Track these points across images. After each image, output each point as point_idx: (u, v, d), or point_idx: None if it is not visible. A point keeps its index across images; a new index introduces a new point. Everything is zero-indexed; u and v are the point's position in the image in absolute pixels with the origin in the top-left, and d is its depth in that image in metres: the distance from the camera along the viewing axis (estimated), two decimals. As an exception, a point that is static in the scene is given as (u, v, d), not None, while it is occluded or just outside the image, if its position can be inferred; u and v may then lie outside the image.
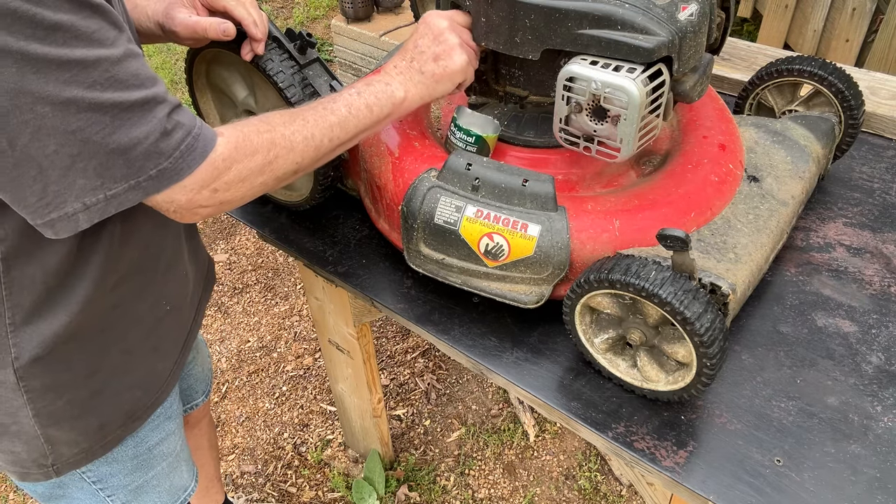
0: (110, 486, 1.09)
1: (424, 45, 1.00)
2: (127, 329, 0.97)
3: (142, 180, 0.74)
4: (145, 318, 1.00)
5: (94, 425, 0.99)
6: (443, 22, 1.01)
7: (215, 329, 2.55)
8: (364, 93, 0.95)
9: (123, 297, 0.94)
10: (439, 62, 1.00)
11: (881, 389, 0.99)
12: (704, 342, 0.85)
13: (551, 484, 2.02)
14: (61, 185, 0.71)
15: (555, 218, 0.99)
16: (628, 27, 0.92)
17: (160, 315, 1.03)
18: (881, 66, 2.64)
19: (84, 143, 0.70)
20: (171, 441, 1.16)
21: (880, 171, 1.36)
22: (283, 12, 4.33)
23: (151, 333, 1.02)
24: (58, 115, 0.67)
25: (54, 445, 0.97)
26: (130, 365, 1.00)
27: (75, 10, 0.66)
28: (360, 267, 1.23)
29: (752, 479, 0.89)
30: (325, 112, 0.91)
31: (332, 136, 0.91)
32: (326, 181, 1.21)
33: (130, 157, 0.72)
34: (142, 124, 0.72)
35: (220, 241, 2.91)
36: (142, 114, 0.72)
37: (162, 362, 1.07)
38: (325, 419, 2.24)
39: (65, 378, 0.92)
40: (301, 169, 0.90)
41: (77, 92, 0.68)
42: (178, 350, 1.11)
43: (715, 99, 1.27)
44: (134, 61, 0.73)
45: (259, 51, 1.06)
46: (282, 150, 0.86)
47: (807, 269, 1.16)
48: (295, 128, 0.87)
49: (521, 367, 1.05)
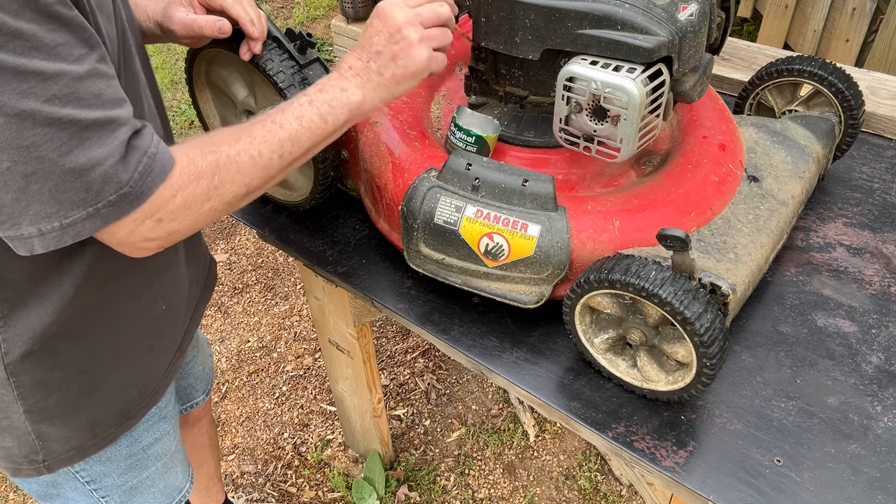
0: (104, 487, 1.09)
1: (380, 44, 0.92)
2: (121, 328, 0.97)
3: (101, 206, 0.70)
4: (140, 317, 0.99)
5: (86, 423, 0.99)
6: (398, 14, 0.92)
7: (215, 329, 2.55)
8: (317, 101, 0.89)
9: (116, 295, 0.94)
10: (398, 62, 0.92)
11: (881, 389, 0.99)
12: (704, 342, 0.85)
13: (551, 484, 2.02)
14: (15, 209, 0.68)
15: (555, 218, 0.99)
16: (628, 27, 0.92)
17: (156, 314, 1.02)
18: (881, 66, 2.64)
19: (39, 162, 0.66)
20: (166, 442, 1.16)
21: (880, 171, 1.36)
22: (283, 12, 4.33)
23: (147, 333, 1.02)
24: (12, 127, 0.64)
25: (45, 442, 0.96)
26: (124, 364, 1.00)
27: (40, 20, 0.64)
28: (360, 267, 1.23)
29: (752, 479, 0.89)
30: (273, 127, 0.85)
31: (283, 152, 0.85)
32: (326, 181, 1.21)
33: (88, 180, 0.69)
34: (100, 145, 0.69)
35: (220, 241, 2.91)
36: (101, 134, 0.69)
37: (157, 362, 1.07)
38: (325, 419, 2.24)
39: (56, 375, 0.92)
40: (252, 190, 0.84)
41: (33, 104, 0.64)
42: (174, 350, 1.11)
43: (715, 99, 1.27)
44: (99, 81, 0.69)
45: (256, 50, 1.05)
46: (227, 173, 0.80)
47: (807, 269, 1.16)
48: (241, 147, 0.81)
49: (521, 367, 1.05)
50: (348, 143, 1.22)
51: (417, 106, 1.26)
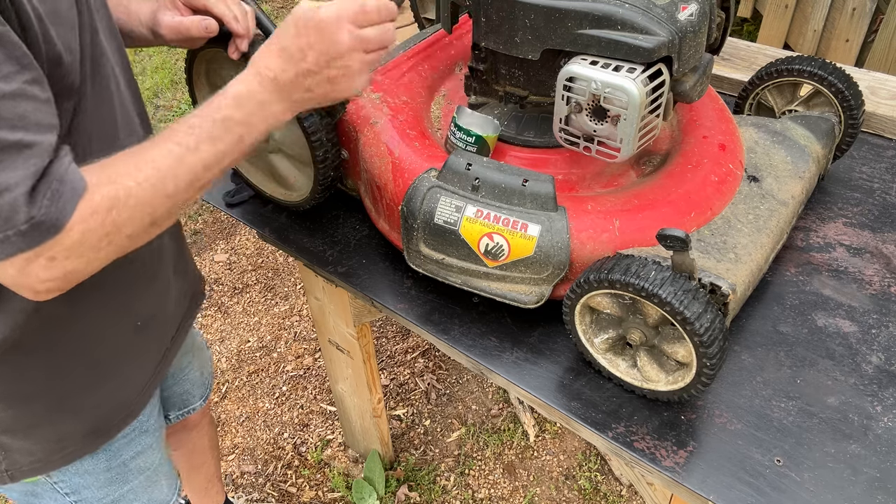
0: (84, 499, 1.08)
1: (316, 64, 0.80)
2: (94, 344, 0.94)
3: (10, 234, 0.65)
4: (116, 334, 0.97)
5: (52, 437, 0.97)
6: (344, 38, 0.80)
7: (215, 329, 2.55)
8: (234, 118, 0.79)
9: (88, 311, 0.91)
10: (334, 85, 0.83)
11: (881, 389, 0.99)
12: (704, 342, 0.85)
13: (551, 484, 2.02)
14: None
15: (555, 218, 0.99)
16: (628, 27, 0.92)
17: (134, 331, 1.00)
18: (881, 66, 2.64)
19: None
20: (149, 455, 1.14)
21: (880, 171, 1.36)
22: (283, 12, 4.33)
23: (123, 349, 1.00)
24: None
25: (8, 452, 0.95)
26: (97, 380, 0.98)
27: None
28: (360, 267, 1.23)
29: (752, 479, 0.89)
30: (179, 150, 0.76)
31: (193, 178, 0.77)
32: (326, 181, 1.21)
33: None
34: (13, 169, 0.64)
35: (220, 241, 2.91)
36: (16, 157, 0.64)
37: (134, 378, 1.05)
38: (325, 419, 2.24)
39: (16, 388, 0.90)
40: (157, 222, 0.77)
41: None
42: (154, 366, 1.09)
43: (715, 99, 1.27)
44: (27, 103, 0.65)
45: (243, 47, 1.02)
46: (126, 207, 0.72)
47: (807, 269, 1.16)
48: (143, 176, 0.73)
49: (521, 367, 1.05)
50: (348, 143, 1.22)
51: (417, 106, 1.26)
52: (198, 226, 2.99)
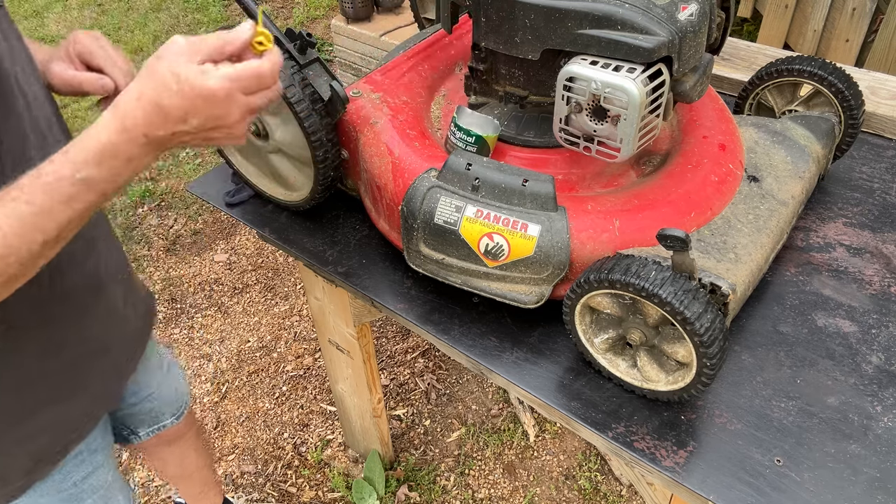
0: None
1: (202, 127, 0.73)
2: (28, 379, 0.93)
3: None
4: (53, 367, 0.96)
5: None
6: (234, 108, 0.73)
7: (215, 329, 2.55)
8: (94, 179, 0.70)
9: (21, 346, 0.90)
10: (215, 141, 0.77)
11: (881, 389, 0.99)
12: (704, 342, 0.85)
13: (551, 484, 2.02)
14: None
15: (555, 218, 0.99)
16: (628, 27, 0.92)
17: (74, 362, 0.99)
18: (881, 66, 2.64)
19: None
20: (100, 474, 1.15)
21: (880, 171, 1.36)
22: (283, 12, 4.33)
23: (63, 382, 0.99)
24: None
25: None
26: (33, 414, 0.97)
27: None
28: (360, 267, 1.23)
29: (752, 479, 0.89)
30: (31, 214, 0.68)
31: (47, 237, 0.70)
32: (326, 181, 1.21)
33: None
34: None
35: (220, 241, 2.91)
36: None
37: (77, 408, 1.04)
38: (325, 419, 2.24)
39: None
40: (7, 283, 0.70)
41: None
42: (103, 391, 1.08)
43: (715, 99, 1.27)
44: None
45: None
46: None
47: (807, 269, 1.16)
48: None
49: (521, 367, 1.05)
50: (348, 143, 1.22)
51: (417, 106, 1.26)
52: (198, 226, 3.00)
